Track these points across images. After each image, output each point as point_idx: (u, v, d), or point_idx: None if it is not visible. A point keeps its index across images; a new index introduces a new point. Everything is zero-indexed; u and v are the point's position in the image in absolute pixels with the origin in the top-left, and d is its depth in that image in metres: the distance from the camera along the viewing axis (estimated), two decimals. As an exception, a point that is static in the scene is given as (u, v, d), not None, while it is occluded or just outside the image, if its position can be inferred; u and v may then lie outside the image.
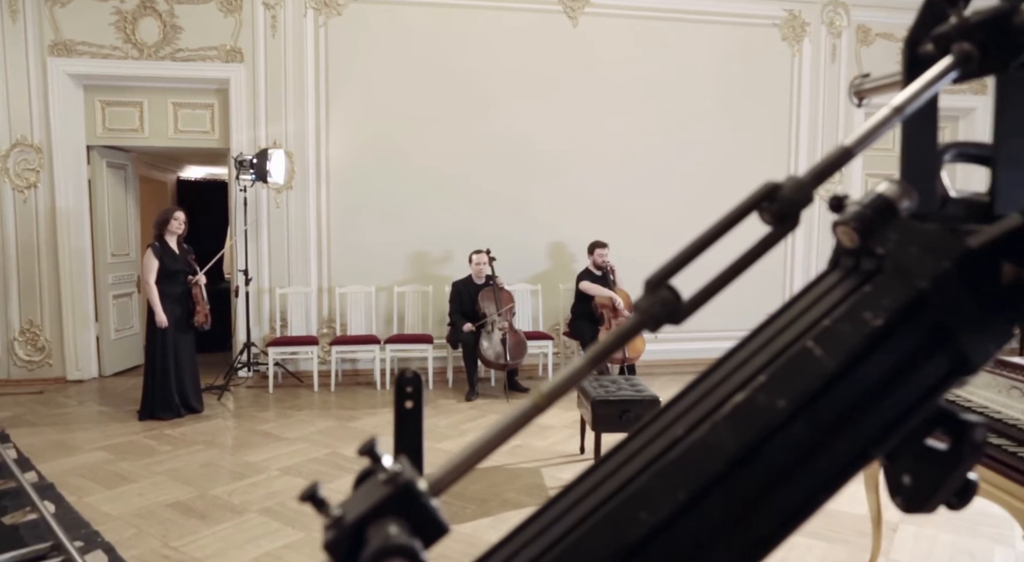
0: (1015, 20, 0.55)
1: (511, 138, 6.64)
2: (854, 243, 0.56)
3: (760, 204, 0.54)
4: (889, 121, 0.57)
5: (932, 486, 0.54)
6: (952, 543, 2.86)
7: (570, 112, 6.70)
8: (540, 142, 6.68)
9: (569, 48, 6.67)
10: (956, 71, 0.58)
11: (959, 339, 0.52)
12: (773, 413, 0.48)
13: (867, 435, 0.51)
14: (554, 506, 0.52)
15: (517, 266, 6.55)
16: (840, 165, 0.56)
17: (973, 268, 0.52)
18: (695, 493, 0.46)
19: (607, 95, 6.72)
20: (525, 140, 6.66)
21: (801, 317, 0.55)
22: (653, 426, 0.54)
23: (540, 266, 6.76)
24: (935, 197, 0.68)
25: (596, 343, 0.51)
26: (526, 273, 6.67)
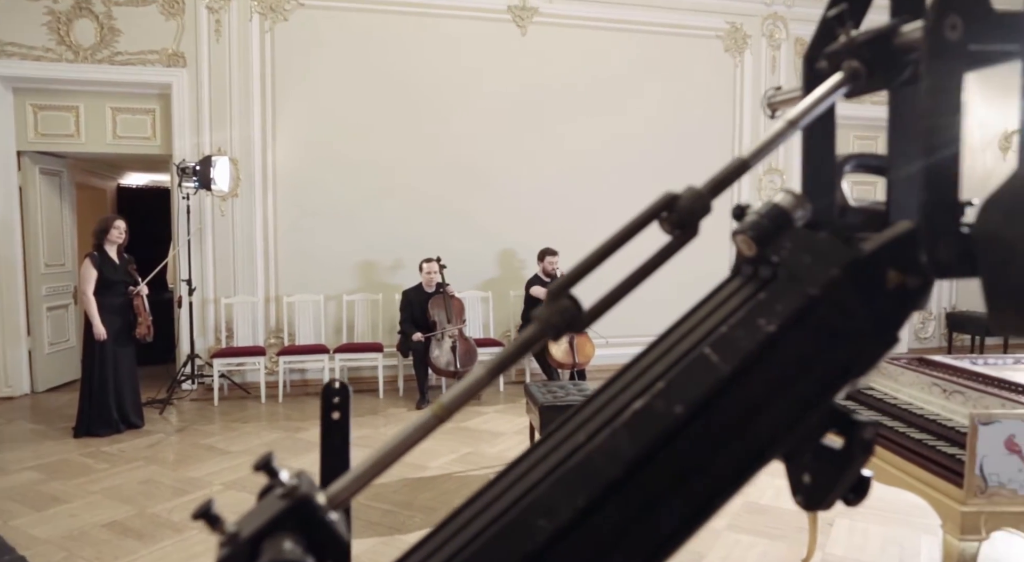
0: (895, 40, 0.58)
1: (461, 146, 6.64)
2: (752, 251, 0.58)
3: (660, 214, 0.55)
4: (784, 134, 0.59)
5: (829, 483, 0.56)
6: (883, 534, 2.96)
7: (519, 121, 6.74)
8: (490, 150, 6.70)
9: (518, 57, 6.72)
10: (846, 86, 0.61)
11: (848, 343, 0.54)
12: (671, 418, 0.49)
13: (763, 437, 0.53)
14: (459, 516, 0.52)
15: (468, 274, 6.54)
16: (737, 176, 0.58)
17: (861, 274, 0.54)
18: (594, 499, 0.47)
19: (556, 104, 6.79)
20: (475, 148, 6.67)
21: (701, 324, 0.56)
22: (558, 434, 0.54)
23: (490, 273, 6.76)
24: (835, 206, 0.71)
25: (499, 353, 0.51)
26: (476, 280, 6.67)
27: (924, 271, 0.54)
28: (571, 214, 6.73)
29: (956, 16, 0.52)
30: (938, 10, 0.52)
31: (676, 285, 2.26)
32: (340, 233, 6.48)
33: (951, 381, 2.11)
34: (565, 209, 6.75)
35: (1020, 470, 1.67)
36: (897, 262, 0.56)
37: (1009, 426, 1.66)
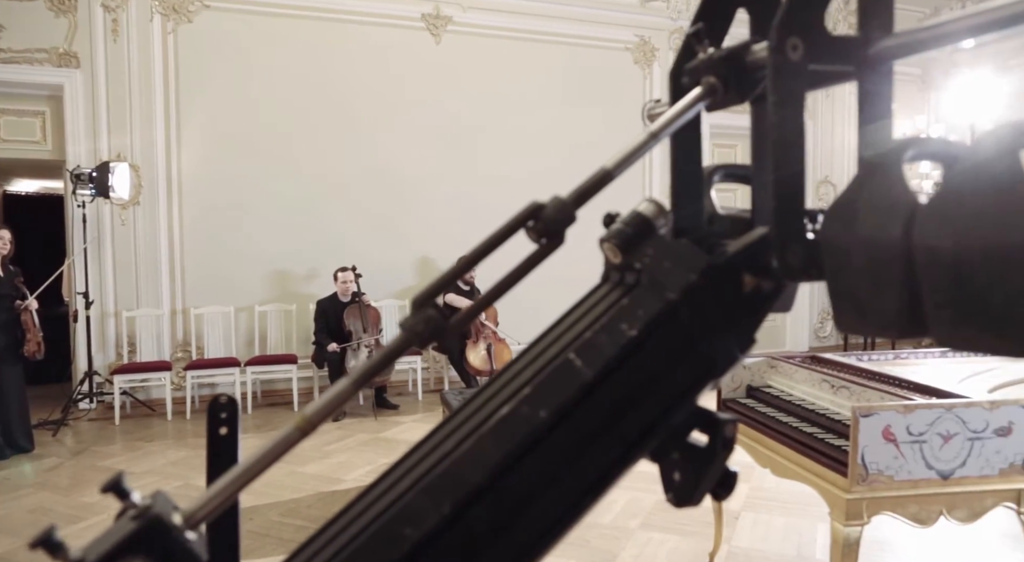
0: (747, 58, 0.61)
1: (377, 153, 6.57)
2: (618, 259, 0.60)
3: (526, 223, 0.57)
4: (646, 145, 0.62)
5: (696, 480, 0.59)
6: (784, 525, 3.11)
7: (436, 129, 6.72)
8: (407, 158, 6.65)
9: (433, 66, 6.71)
10: (704, 101, 0.64)
11: (706, 345, 0.56)
12: (536, 423, 0.50)
13: (628, 437, 0.55)
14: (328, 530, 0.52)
15: (385, 282, 6.46)
16: (601, 187, 0.60)
17: (718, 279, 0.57)
18: (459, 506, 0.47)
19: (472, 112, 6.81)
20: (392, 155, 6.61)
21: (569, 329, 0.58)
22: (429, 441, 0.55)
23: (407, 282, 6.70)
24: (703, 214, 0.74)
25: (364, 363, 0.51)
26: (394, 289, 6.60)
27: (776, 275, 0.58)
28: (489, 222, 6.69)
29: (797, 38, 0.56)
30: (780, 32, 0.55)
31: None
32: (251, 242, 6.27)
33: (839, 377, 2.24)
34: (483, 217, 6.77)
35: (896, 457, 1.80)
36: (752, 267, 0.59)
37: (886, 417, 1.78)
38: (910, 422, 1.79)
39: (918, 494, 1.82)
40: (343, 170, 6.49)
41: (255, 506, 3.60)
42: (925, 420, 1.80)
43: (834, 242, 0.55)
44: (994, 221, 0.46)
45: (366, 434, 5.20)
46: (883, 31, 0.60)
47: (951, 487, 1.84)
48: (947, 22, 0.54)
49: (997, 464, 1.85)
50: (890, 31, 0.60)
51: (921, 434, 1.80)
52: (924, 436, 1.80)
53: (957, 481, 1.84)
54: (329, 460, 4.52)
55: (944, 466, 1.82)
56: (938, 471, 1.82)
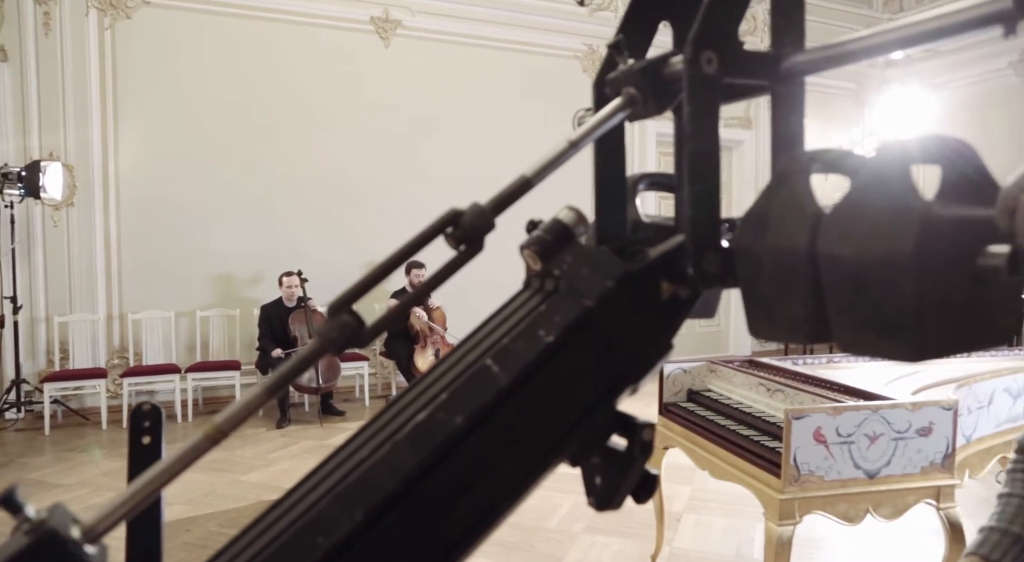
0: (665, 71, 0.63)
1: (325, 155, 6.48)
2: (537, 265, 0.60)
3: (445, 230, 0.57)
4: (566, 154, 0.63)
5: (616, 483, 0.59)
6: (724, 526, 3.18)
7: (385, 132, 6.67)
8: (355, 162, 6.58)
9: (382, 68, 6.66)
10: (625, 111, 0.65)
11: (625, 350, 0.57)
12: (451, 428, 0.50)
13: (545, 442, 0.55)
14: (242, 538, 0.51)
15: (331, 286, 6.32)
16: (520, 194, 0.61)
17: (635, 286, 0.58)
18: (373, 512, 0.47)
19: (422, 116, 6.78)
20: (339, 159, 6.52)
21: (489, 335, 0.58)
22: (346, 449, 0.54)
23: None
24: (626, 222, 0.75)
25: (276, 369, 0.50)
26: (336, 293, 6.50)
27: (692, 282, 0.59)
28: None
29: (712, 52, 0.57)
30: (695, 46, 0.57)
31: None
32: (193, 245, 6.11)
33: (774, 381, 2.31)
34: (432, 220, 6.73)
35: (826, 458, 1.86)
36: (669, 274, 0.60)
37: (816, 419, 1.85)
38: (839, 424, 1.86)
39: (846, 493, 1.89)
40: (290, 172, 6.38)
41: (194, 516, 3.49)
42: (853, 421, 1.87)
43: (747, 250, 0.57)
44: (887, 231, 0.48)
45: (311, 441, 5.11)
46: (794, 47, 0.62)
47: (877, 486, 1.91)
48: (849, 41, 0.56)
49: (919, 463, 1.93)
50: (801, 48, 0.62)
51: (849, 435, 1.87)
52: (852, 437, 1.87)
53: (882, 480, 1.91)
54: (272, 468, 4.43)
55: (870, 465, 1.90)
56: (865, 470, 1.89)
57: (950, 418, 1.95)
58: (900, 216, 0.48)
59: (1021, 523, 1.05)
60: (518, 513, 1.83)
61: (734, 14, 0.59)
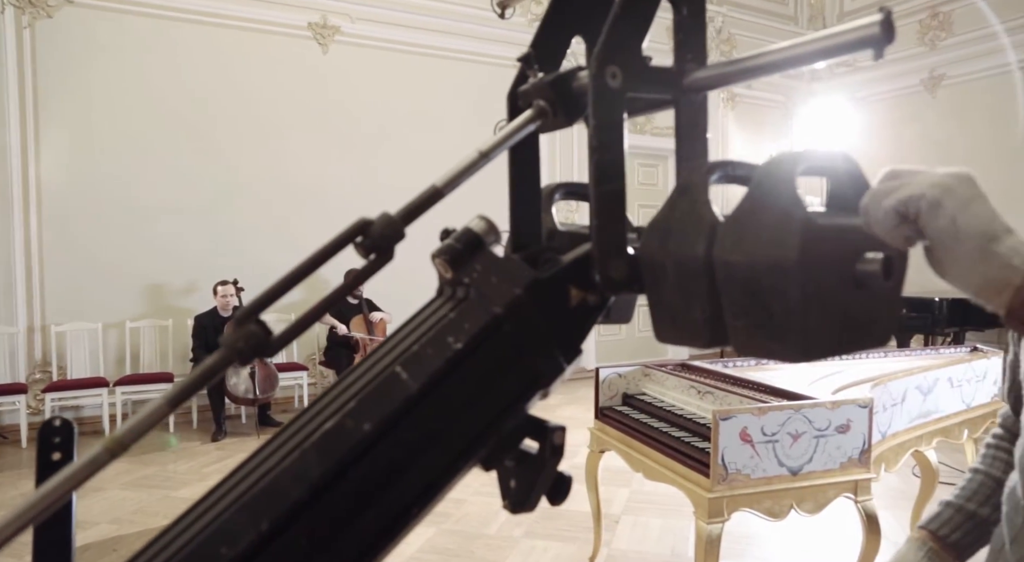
0: (573, 84, 0.65)
1: (262, 163, 6.34)
2: (448, 273, 0.61)
3: (354, 239, 0.57)
4: (476, 164, 0.64)
5: (529, 486, 0.61)
6: (661, 526, 3.25)
7: (325, 139, 6.58)
8: (294, 169, 6.46)
9: (321, 76, 6.57)
10: (535, 123, 0.67)
11: (534, 356, 0.59)
12: (359, 436, 0.50)
13: (456, 448, 0.56)
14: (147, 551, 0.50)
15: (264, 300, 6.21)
16: (430, 204, 0.62)
17: (543, 293, 0.59)
18: (279, 522, 0.47)
19: (362, 124, 6.72)
20: (277, 166, 6.40)
21: (401, 343, 0.59)
22: (255, 458, 0.54)
23: (294, 296, 6.48)
24: (541, 231, 0.77)
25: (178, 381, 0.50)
26: (278, 303, 6.30)
27: (599, 289, 0.61)
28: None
29: (616, 66, 0.60)
30: (600, 60, 0.59)
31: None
32: (122, 254, 5.88)
33: (705, 383, 2.38)
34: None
35: (752, 457, 1.93)
36: (577, 281, 0.62)
37: (743, 419, 1.91)
38: (764, 423, 1.93)
39: (771, 490, 1.96)
40: (225, 179, 6.22)
41: (120, 536, 3.36)
42: (777, 421, 1.94)
43: (651, 257, 0.60)
44: (773, 239, 0.51)
45: (247, 454, 4.97)
46: (697, 63, 0.65)
47: (799, 482, 1.99)
48: (744, 59, 0.59)
49: (838, 459, 2.02)
50: (703, 63, 0.65)
51: (774, 434, 1.94)
52: (776, 436, 1.94)
53: (805, 476, 1.99)
54: (206, 483, 4.28)
55: (793, 463, 1.97)
56: (788, 468, 1.97)
57: (866, 415, 2.04)
58: (785, 225, 0.51)
59: (979, 501, 1.03)
60: (458, 520, 1.88)
61: (638, 31, 0.62)
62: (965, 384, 2.79)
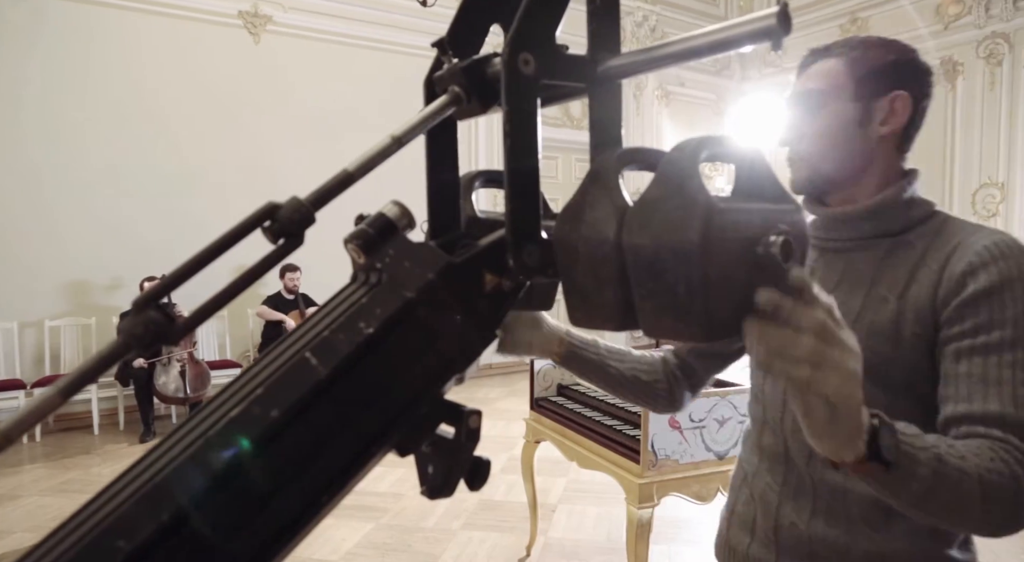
0: (488, 71, 0.65)
1: (189, 157, 6.12)
2: (361, 259, 0.61)
3: (262, 223, 0.56)
4: (390, 149, 0.63)
5: (446, 471, 0.61)
6: (596, 513, 3.31)
7: (255, 131, 6.40)
8: (222, 159, 6.26)
9: (252, 66, 6.38)
10: (449, 109, 0.67)
11: (447, 341, 0.59)
12: (266, 423, 0.50)
13: (368, 433, 0.55)
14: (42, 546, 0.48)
15: (200, 292, 5.99)
16: (342, 189, 0.61)
17: (457, 278, 0.59)
18: (179, 513, 0.46)
19: (295, 116, 6.56)
20: (206, 157, 6.19)
21: (312, 328, 0.58)
22: (159, 448, 0.52)
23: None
24: (460, 218, 0.77)
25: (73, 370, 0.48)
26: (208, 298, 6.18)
27: (514, 274, 0.62)
28: (316, 229, 6.51)
29: (529, 53, 0.60)
30: (512, 47, 0.59)
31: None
32: (40, 249, 5.58)
33: (637, 372, 2.43)
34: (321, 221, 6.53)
35: (680, 443, 1.98)
36: (491, 266, 0.62)
37: (672, 406, 1.96)
38: (692, 410, 1.99)
39: (699, 474, 2.02)
40: (150, 170, 5.98)
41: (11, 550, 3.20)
42: (704, 407, 2.00)
43: (564, 242, 0.60)
44: (677, 223, 0.53)
45: (177, 457, 4.81)
46: (610, 52, 0.66)
47: (726, 466, 2.06)
48: (653, 48, 0.61)
49: (763, 442, 2.10)
50: (617, 52, 0.66)
51: (701, 420, 2.00)
52: (704, 422, 2.00)
53: (731, 460, 2.06)
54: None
55: (720, 448, 2.04)
56: (715, 452, 2.04)
57: (789, 400, 2.12)
58: (688, 209, 0.53)
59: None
60: (396, 515, 1.87)
61: (552, 18, 0.62)
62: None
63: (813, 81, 1.04)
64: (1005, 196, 6.91)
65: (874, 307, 0.92)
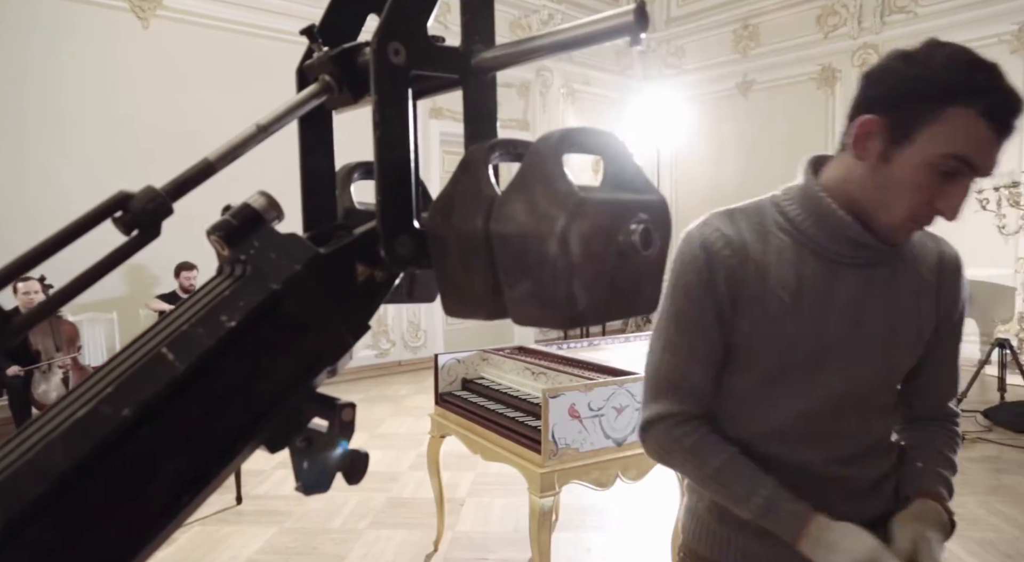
0: (359, 60, 0.64)
1: (71, 146, 5.70)
2: (224, 251, 0.59)
3: (112, 214, 0.54)
4: (255, 138, 0.62)
5: (321, 466, 0.60)
6: (504, 505, 3.35)
7: (149, 126, 6.03)
8: (112, 151, 5.87)
9: (140, 51, 6.02)
10: (320, 98, 0.66)
11: (317, 333, 0.58)
12: (117, 422, 0.47)
13: (233, 429, 0.54)
14: None
15: (86, 293, 5.63)
16: (203, 178, 0.59)
17: (326, 269, 0.58)
18: (20, 517, 0.43)
19: (189, 105, 6.24)
20: (92, 148, 5.78)
21: (172, 323, 0.56)
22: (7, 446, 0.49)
23: (117, 291, 5.94)
24: (335, 209, 0.76)
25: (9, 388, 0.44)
26: (97, 299, 5.80)
27: (386, 265, 0.61)
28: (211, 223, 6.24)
29: (399, 43, 0.60)
30: (381, 36, 0.59)
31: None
32: None
33: (539, 365, 2.47)
34: (206, 218, 6.23)
35: (580, 431, 2.03)
36: (363, 257, 0.62)
37: (571, 397, 2.01)
38: (591, 399, 2.04)
39: (598, 461, 2.08)
40: (28, 163, 5.54)
41: None
42: (602, 396, 2.06)
43: (436, 233, 0.60)
44: (541, 212, 0.54)
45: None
46: (484, 44, 0.66)
47: (624, 452, 2.13)
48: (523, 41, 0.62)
49: (658, 428, 2.18)
50: (491, 45, 0.67)
51: (599, 409, 2.06)
52: (602, 410, 2.06)
53: (628, 446, 2.13)
54: None
55: (618, 435, 2.11)
56: (614, 439, 2.10)
57: (682, 387, 2.21)
58: (551, 198, 0.54)
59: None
60: (300, 518, 1.83)
61: (423, 9, 0.62)
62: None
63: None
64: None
65: (904, 320, 1.00)
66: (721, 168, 8.71)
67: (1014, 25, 6.56)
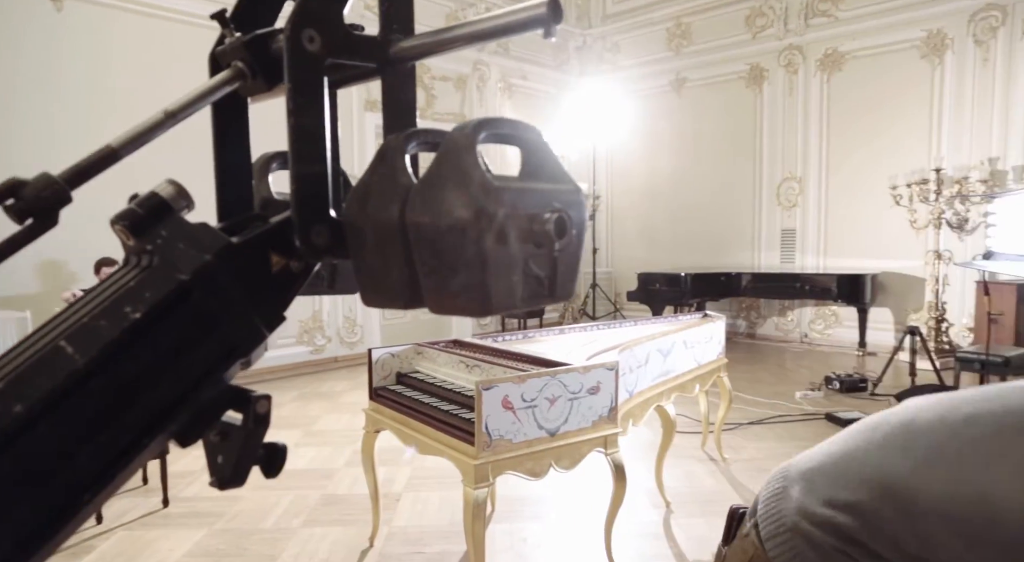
0: (273, 46, 0.63)
1: None
2: (129, 240, 0.57)
3: (3, 201, 0.51)
4: (163, 125, 0.60)
5: (235, 459, 0.58)
6: (440, 499, 3.35)
7: (66, 114, 5.74)
8: (23, 139, 5.56)
9: (53, 36, 5.71)
10: (232, 85, 0.64)
11: (229, 325, 0.57)
12: (8, 419, 0.46)
13: (139, 423, 0.52)
14: None
15: (-5, 290, 5.34)
16: (105, 165, 0.57)
17: (237, 260, 0.57)
18: None
19: (104, 93, 5.96)
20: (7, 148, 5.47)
21: (72, 316, 0.54)
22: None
23: (30, 287, 5.64)
24: (251, 198, 0.75)
25: None
26: (9, 295, 5.50)
27: (302, 255, 0.61)
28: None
29: (313, 30, 0.59)
30: (295, 22, 0.58)
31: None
32: None
33: (473, 357, 2.48)
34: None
35: (513, 422, 2.05)
36: (279, 247, 0.61)
37: (504, 389, 2.02)
38: (524, 390, 2.06)
39: (532, 452, 2.10)
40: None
41: None
42: (535, 387, 2.08)
43: (353, 222, 0.60)
44: (454, 201, 0.54)
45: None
46: (403, 34, 0.66)
47: (557, 441, 2.16)
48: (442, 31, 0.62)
49: (590, 417, 2.23)
50: (410, 34, 0.66)
51: (532, 400, 2.08)
52: (535, 401, 2.08)
53: (562, 436, 2.16)
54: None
55: (551, 425, 2.13)
56: (547, 430, 2.13)
57: (613, 377, 2.27)
58: (464, 187, 0.54)
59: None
60: (231, 519, 1.79)
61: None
62: (696, 345, 3.21)
63: None
64: (803, 188, 7.76)
65: None
66: (656, 164, 8.89)
67: (923, 32, 6.92)
